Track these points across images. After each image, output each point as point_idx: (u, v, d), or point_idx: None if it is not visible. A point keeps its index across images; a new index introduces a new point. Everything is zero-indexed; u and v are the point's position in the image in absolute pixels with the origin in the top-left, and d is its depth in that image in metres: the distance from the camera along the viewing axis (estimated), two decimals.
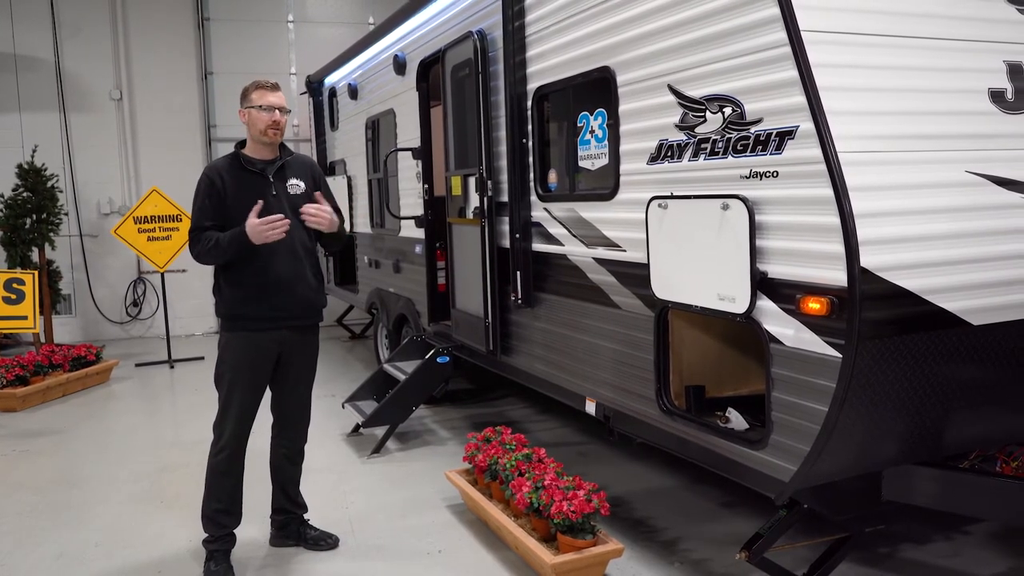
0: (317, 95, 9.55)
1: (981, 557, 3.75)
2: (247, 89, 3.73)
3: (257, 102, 3.67)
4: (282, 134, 3.75)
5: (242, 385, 3.70)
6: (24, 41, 10.27)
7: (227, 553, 3.82)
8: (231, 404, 3.71)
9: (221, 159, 3.81)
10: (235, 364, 3.71)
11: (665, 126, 3.45)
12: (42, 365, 7.54)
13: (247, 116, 3.71)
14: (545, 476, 3.86)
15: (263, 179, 3.72)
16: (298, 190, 3.79)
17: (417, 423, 6.23)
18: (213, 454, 3.76)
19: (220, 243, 3.59)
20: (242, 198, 3.64)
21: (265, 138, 3.69)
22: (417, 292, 6.53)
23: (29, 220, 9.32)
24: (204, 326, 11.14)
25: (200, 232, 3.66)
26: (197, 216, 3.69)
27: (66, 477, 5.34)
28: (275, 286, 3.68)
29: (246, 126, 3.74)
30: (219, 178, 3.68)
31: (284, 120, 3.73)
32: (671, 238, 3.40)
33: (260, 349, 3.72)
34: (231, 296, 3.70)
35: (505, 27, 4.69)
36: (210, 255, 3.64)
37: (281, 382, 3.87)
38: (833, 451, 2.81)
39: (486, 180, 5.00)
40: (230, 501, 3.80)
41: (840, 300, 2.65)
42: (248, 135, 3.76)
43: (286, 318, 3.74)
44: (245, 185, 3.68)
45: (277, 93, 3.72)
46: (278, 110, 3.68)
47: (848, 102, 2.73)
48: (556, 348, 4.53)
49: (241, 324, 3.70)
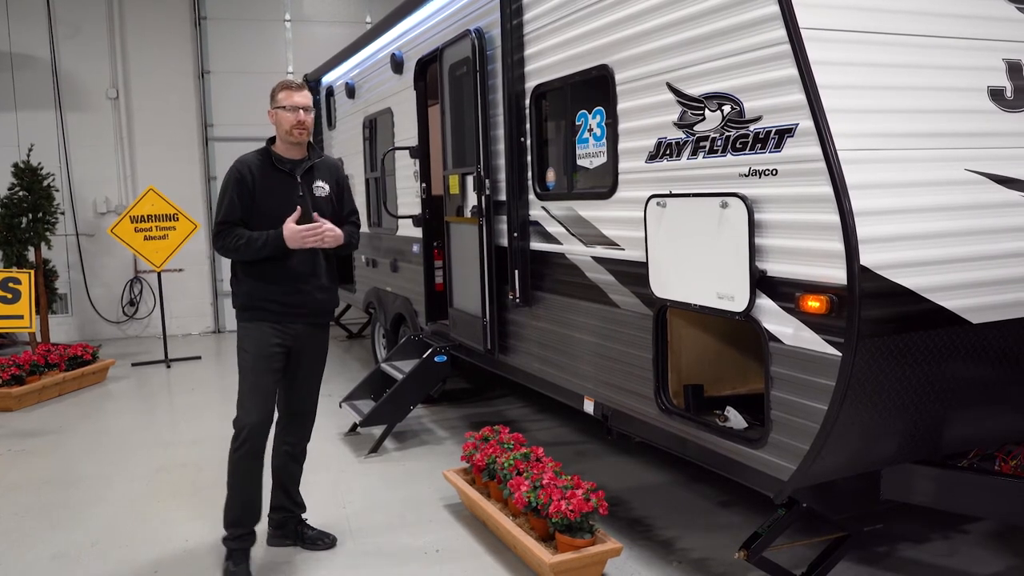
0: (314, 94, 9.52)
1: (979, 556, 3.75)
2: (274, 89, 3.78)
3: (283, 102, 3.71)
4: (309, 133, 3.78)
5: (265, 373, 3.72)
6: (20, 39, 10.24)
7: (246, 552, 3.81)
8: (254, 392, 3.69)
9: (252, 154, 3.81)
10: (255, 351, 3.72)
11: (664, 124, 3.44)
12: (38, 365, 7.52)
13: (275, 116, 3.75)
14: (543, 475, 3.85)
15: (291, 179, 3.77)
16: (323, 192, 3.84)
17: (415, 422, 6.22)
18: (234, 449, 3.73)
19: (253, 243, 3.63)
20: (269, 196, 3.70)
21: (291, 137, 3.72)
22: (415, 291, 6.52)
23: (25, 219, 9.30)
24: (201, 326, 11.13)
25: (229, 227, 3.68)
26: (227, 209, 3.70)
27: (62, 477, 5.32)
28: (293, 281, 3.73)
29: (275, 126, 3.78)
30: (249, 174, 3.71)
31: (310, 119, 3.76)
32: (670, 237, 3.39)
33: (275, 340, 3.74)
34: (250, 287, 3.74)
35: (503, 25, 4.68)
36: (239, 252, 3.67)
37: (291, 378, 3.88)
38: (832, 450, 2.80)
39: (484, 179, 4.99)
40: (251, 498, 3.79)
41: (840, 298, 2.65)
42: (276, 134, 3.80)
43: (301, 313, 3.78)
44: (274, 183, 3.73)
45: (303, 92, 3.76)
46: (303, 110, 3.71)
47: (848, 100, 2.72)
48: (554, 347, 4.52)
49: (259, 315, 3.73)
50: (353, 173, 8.17)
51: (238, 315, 3.82)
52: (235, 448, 3.73)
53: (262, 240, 3.63)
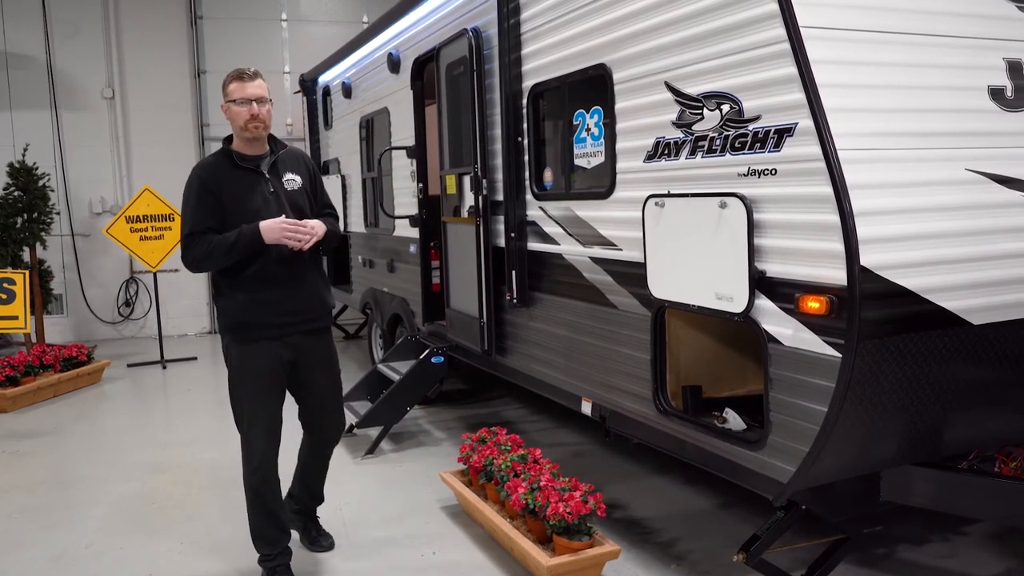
0: (311, 94, 9.51)
1: (979, 558, 3.74)
2: (224, 81, 3.49)
3: (234, 95, 3.43)
4: (266, 126, 3.49)
5: (263, 398, 3.51)
6: (15, 39, 10.20)
7: (286, 567, 3.64)
8: (256, 420, 3.50)
9: (210, 157, 3.59)
10: (252, 377, 3.48)
11: (662, 124, 3.42)
12: (33, 365, 7.48)
13: (227, 111, 3.48)
14: (541, 477, 3.83)
15: (258, 175, 3.52)
16: (295, 185, 3.59)
17: (411, 424, 6.20)
18: (248, 474, 3.55)
19: (223, 243, 3.35)
20: (238, 197, 3.44)
21: (247, 133, 3.45)
22: (412, 292, 6.50)
23: (20, 219, 9.27)
24: (197, 326, 11.10)
25: (196, 237, 3.41)
26: (191, 220, 3.42)
27: (57, 478, 5.29)
28: (282, 288, 3.49)
29: (229, 122, 3.51)
30: (211, 179, 3.45)
31: (264, 111, 3.45)
32: (668, 237, 3.37)
33: (273, 357, 3.51)
34: (234, 303, 3.48)
35: (500, 24, 4.66)
36: (210, 259, 3.41)
37: (305, 390, 3.69)
38: (832, 452, 2.78)
39: (481, 179, 4.96)
40: (276, 515, 3.63)
41: (839, 299, 2.63)
42: (232, 131, 3.54)
43: (295, 323, 3.54)
44: (240, 183, 3.47)
45: (256, 82, 3.46)
46: (255, 101, 3.41)
47: (847, 99, 2.70)
48: (552, 348, 4.50)
49: (251, 334, 3.48)
50: (350, 173, 8.17)
51: (227, 336, 3.52)
52: (249, 473, 3.55)
53: (233, 237, 3.34)
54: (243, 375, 3.52)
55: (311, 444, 3.91)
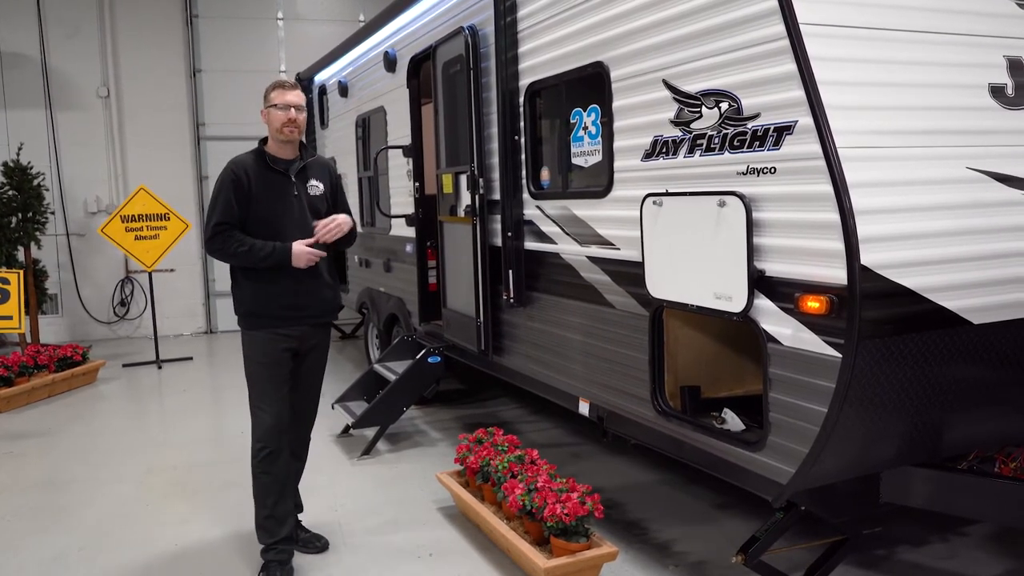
0: (307, 93, 9.47)
1: (978, 559, 3.72)
2: (267, 89, 3.77)
3: (275, 100, 3.70)
4: (300, 132, 3.77)
5: (274, 378, 3.71)
6: (9, 37, 10.15)
7: (284, 563, 3.74)
8: (266, 397, 3.70)
9: (246, 155, 3.79)
10: (264, 359, 3.71)
11: (660, 122, 3.39)
12: (27, 366, 7.44)
13: (267, 115, 3.74)
14: (538, 478, 3.80)
15: (286, 179, 3.75)
16: (317, 191, 3.84)
17: (408, 424, 6.17)
18: (254, 456, 3.71)
19: (256, 252, 3.61)
20: (265, 197, 3.70)
21: (282, 136, 3.71)
22: (408, 291, 6.48)
23: (14, 219, 9.24)
24: (192, 326, 11.06)
25: (226, 228, 3.64)
26: (222, 211, 3.65)
27: (51, 479, 5.26)
28: (297, 282, 3.72)
29: (266, 125, 3.76)
30: (245, 175, 3.68)
31: (301, 118, 3.74)
32: (666, 236, 3.35)
33: (283, 345, 3.72)
34: (253, 292, 3.71)
35: (497, 22, 4.63)
36: (237, 258, 3.64)
37: (295, 378, 3.85)
38: (832, 453, 2.76)
39: (478, 178, 4.94)
40: (279, 505, 3.74)
41: (840, 299, 2.61)
42: (268, 133, 3.78)
43: (306, 316, 3.78)
44: (269, 184, 3.72)
45: (295, 91, 3.76)
46: (294, 108, 3.70)
47: (847, 96, 2.68)
48: (549, 348, 4.48)
49: (264, 321, 3.71)
50: (346, 172, 8.13)
51: (242, 323, 3.77)
52: (255, 455, 3.71)
53: (266, 251, 3.62)
54: (255, 358, 3.74)
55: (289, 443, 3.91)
